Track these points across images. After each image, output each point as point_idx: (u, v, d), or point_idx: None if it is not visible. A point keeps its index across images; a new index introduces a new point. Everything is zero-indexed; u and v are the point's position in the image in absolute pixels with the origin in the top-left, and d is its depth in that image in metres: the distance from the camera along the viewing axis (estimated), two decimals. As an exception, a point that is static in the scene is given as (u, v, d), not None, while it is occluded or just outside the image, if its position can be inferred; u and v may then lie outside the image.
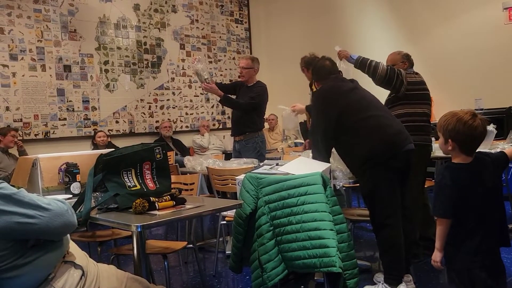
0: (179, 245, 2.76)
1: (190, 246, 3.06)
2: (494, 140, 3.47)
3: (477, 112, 1.87)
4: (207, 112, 7.65)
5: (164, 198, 1.99)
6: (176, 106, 7.21)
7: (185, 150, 6.70)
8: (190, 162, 4.14)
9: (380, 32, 6.66)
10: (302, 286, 3.01)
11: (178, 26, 7.26)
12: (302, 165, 2.68)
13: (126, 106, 6.65)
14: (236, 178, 2.75)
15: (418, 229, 3.16)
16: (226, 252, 3.77)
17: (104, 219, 1.87)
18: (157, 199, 1.95)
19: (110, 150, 2.16)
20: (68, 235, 1.54)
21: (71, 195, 2.34)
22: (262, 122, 4.39)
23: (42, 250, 1.40)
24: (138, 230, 1.71)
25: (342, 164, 2.87)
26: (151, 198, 1.94)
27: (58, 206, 1.41)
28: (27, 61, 5.75)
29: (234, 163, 3.67)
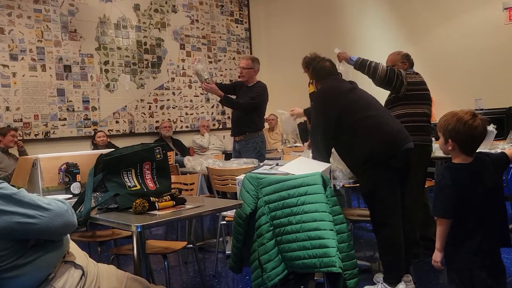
0: (179, 245, 2.76)
1: (190, 246, 3.06)
2: (494, 140, 3.47)
3: (477, 112, 1.87)
4: (207, 112, 7.65)
5: (164, 198, 1.99)
6: (176, 106, 7.21)
7: (185, 150, 6.70)
8: (190, 162, 4.14)
9: (380, 32, 6.66)
10: (302, 286, 3.01)
11: (178, 26, 7.26)
12: (302, 165, 2.68)
13: (126, 106, 6.65)
14: (236, 178, 2.75)
15: (418, 229, 3.17)
16: (226, 252, 3.77)
17: (104, 219, 1.87)
18: (157, 199, 1.96)
19: (110, 150, 2.17)
20: (68, 235, 1.54)
21: (71, 195, 2.34)
22: (262, 122, 4.38)
23: (42, 250, 1.40)
24: (138, 230, 1.72)
25: (342, 164, 2.87)
26: (151, 198, 1.94)
27: (58, 206, 1.41)
28: (27, 61, 5.75)
29: (234, 163, 3.67)
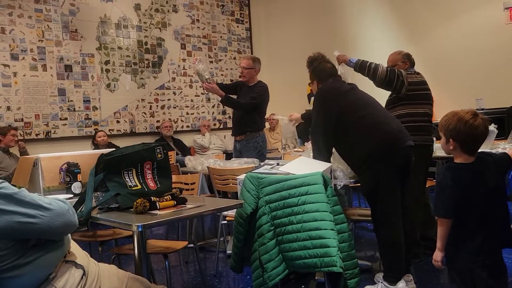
0: (180, 244, 2.76)
1: (191, 245, 3.06)
2: (495, 140, 3.47)
3: (478, 112, 1.87)
4: (208, 111, 7.65)
5: (165, 197, 1.99)
6: (177, 106, 7.21)
7: (186, 150, 6.70)
8: (191, 161, 4.15)
9: (380, 32, 6.66)
10: (303, 286, 3.01)
11: (179, 26, 7.26)
12: (303, 165, 2.68)
13: (127, 106, 6.65)
14: (237, 177, 2.75)
15: (419, 229, 3.17)
16: (227, 251, 3.77)
17: (105, 219, 1.87)
18: (158, 199, 1.96)
19: (111, 149, 2.17)
20: (69, 235, 1.54)
21: (72, 195, 2.34)
22: (263, 122, 4.38)
23: (43, 250, 1.40)
24: (139, 229, 1.72)
25: (343, 163, 2.87)
26: (152, 197, 1.94)
27: (59, 206, 1.41)
28: (28, 61, 5.75)
29: (235, 163, 3.67)
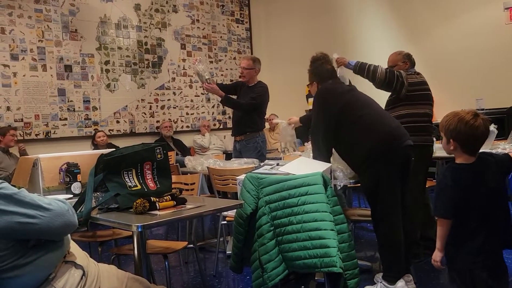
0: (180, 245, 2.76)
1: (191, 246, 3.06)
2: (495, 140, 3.47)
3: (478, 112, 1.87)
4: (208, 112, 7.65)
5: (164, 198, 1.99)
6: (176, 106, 7.21)
7: (185, 150, 6.70)
8: (190, 162, 4.15)
9: (380, 32, 6.65)
10: (302, 286, 3.01)
11: (179, 26, 7.26)
12: (303, 165, 2.68)
13: (126, 106, 6.65)
14: (236, 178, 2.75)
15: (419, 229, 3.17)
16: (227, 252, 3.77)
17: (104, 219, 1.87)
18: (157, 199, 1.95)
19: (111, 150, 2.17)
20: (69, 235, 1.54)
21: (72, 195, 2.34)
22: (263, 122, 4.38)
23: (43, 250, 1.40)
24: (139, 230, 1.72)
25: (343, 164, 2.87)
26: (152, 198, 1.94)
27: (59, 206, 1.41)
28: (28, 61, 5.75)
29: (235, 163, 3.67)
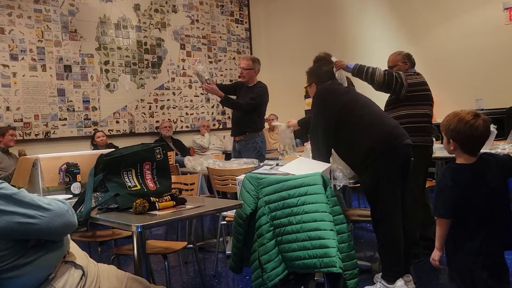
0: (179, 245, 2.76)
1: (190, 246, 3.06)
2: (494, 140, 3.47)
3: (479, 112, 1.86)
4: (207, 112, 7.65)
5: (164, 198, 1.99)
6: (176, 106, 7.21)
7: (185, 150, 6.70)
8: (190, 162, 4.14)
9: (380, 32, 6.66)
10: (302, 286, 3.01)
11: (179, 26, 7.26)
12: (302, 165, 2.68)
13: (126, 106, 6.65)
14: (236, 178, 2.75)
15: (419, 229, 3.17)
16: (226, 252, 3.77)
17: (104, 219, 1.87)
18: (157, 199, 1.96)
19: (111, 150, 2.17)
20: (68, 235, 1.54)
21: (72, 195, 2.34)
22: (263, 122, 4.38)
23: (42, 250, 1.40)
24: (139, 230, 1.72)
25: (342, 164, 2.87)
26: (152, 198, 1.94)
27: (59, 206, 1.41)
28: (28, 61, 5.75)
29: (235, 163, 3.67)
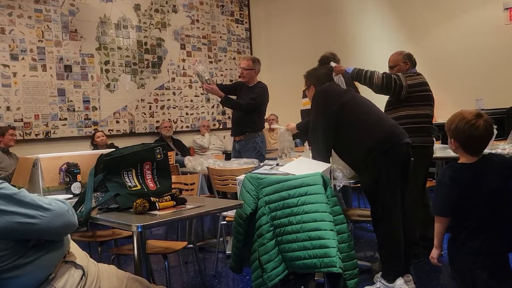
0: (180, 245, 2.76)
1: (191, 246, 3.06)
2: (494, 140, 3.47)
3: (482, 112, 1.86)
4: (208, 112, 7.65)
5: (164, 198, 1.99)
6: (176, 106, 7.21)
7: (185, 150, 6.70)
8: (190, 162, 4.14)
9: (380, 32, 6.66)
10: (302, 286, 3.01)
11: (179, 26, 7.26)
12: (303, 165, 2.68)
13: (126, 106, 6.65)
14: (236, 178, 2.75)
15: (419, 229, 3.17)
16: (227, 252, 3.78)
17: (104, 219, 1.87)
18: (157, 199, 1.96)
19: (111, 150, 2.17)
20: (68, 235, 1.54)
21: (72, 195, 2.34)
22: (263, 122, 4.38)
23: (43, 250, 1.40)
24: (139, 230, 1.72)
25: (342, 164, 2.88)
26: (152, 198, 1.95)
27: (59, 206, 1.42)
28: (28, 61, 5.75)
29: (235, 163, 3.67)
